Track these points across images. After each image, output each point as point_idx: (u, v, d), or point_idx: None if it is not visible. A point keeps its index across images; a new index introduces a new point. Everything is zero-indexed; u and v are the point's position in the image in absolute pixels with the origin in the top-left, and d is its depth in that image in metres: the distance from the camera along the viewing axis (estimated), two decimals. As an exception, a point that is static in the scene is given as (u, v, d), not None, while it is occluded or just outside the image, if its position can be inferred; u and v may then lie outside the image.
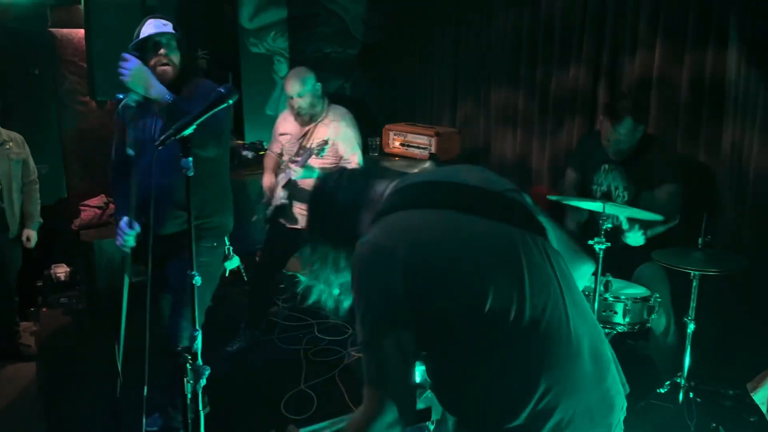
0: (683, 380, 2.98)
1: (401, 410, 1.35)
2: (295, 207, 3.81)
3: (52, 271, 4.88)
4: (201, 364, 1.89)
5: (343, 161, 3.81)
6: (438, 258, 1.37)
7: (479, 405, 1.40)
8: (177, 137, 1.85)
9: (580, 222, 3.46)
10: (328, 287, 1.55)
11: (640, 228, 3.03)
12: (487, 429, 1.41)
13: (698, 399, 2.96)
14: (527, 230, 1.44)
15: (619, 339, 3.05)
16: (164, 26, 2.73)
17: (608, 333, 2.95)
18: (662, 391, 3.05)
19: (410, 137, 4.92)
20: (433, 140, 4.74)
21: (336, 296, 1.57)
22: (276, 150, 4.03)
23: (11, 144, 3.98)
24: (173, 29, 2.75)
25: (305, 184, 3.69)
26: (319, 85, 3.80)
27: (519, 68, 4.55)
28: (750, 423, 2.91)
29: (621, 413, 1.48)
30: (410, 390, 1.39)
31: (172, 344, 2.72)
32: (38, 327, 4.55)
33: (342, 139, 3.79)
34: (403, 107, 5.68)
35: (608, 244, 2.93)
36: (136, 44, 2.71)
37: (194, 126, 1.86)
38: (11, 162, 3.96)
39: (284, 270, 4.40)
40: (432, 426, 1.98)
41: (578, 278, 1.60)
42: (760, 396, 2.45)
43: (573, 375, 1.38)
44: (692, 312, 2.96)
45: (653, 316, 3.04)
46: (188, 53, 2.84)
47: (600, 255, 2.90)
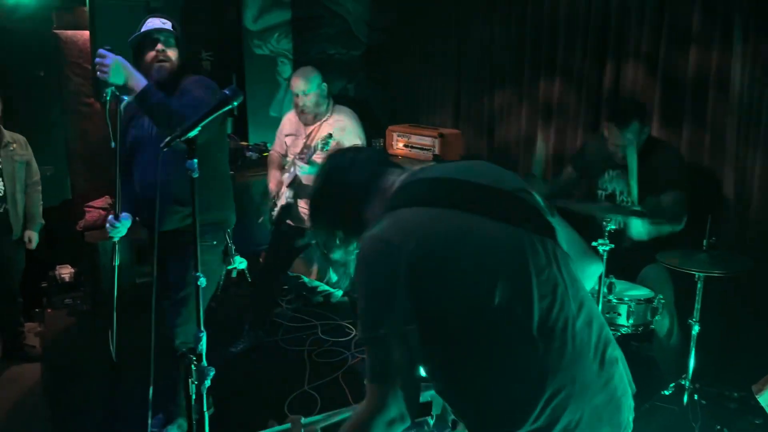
0: (688, 382, 2.97)
1: (407, 403, 1.34)
2: (300, 206, 3.82)
3: (57, 273, 4.88)
4: (206, 366, 1.90)
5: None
6: (444, 258, 1.37)
7: (484, 410, 1.39)
8: (182, 138, 1.86)
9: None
10: (341, 266, 1.56)
11: (646, 217, 3.02)
12: None
13: (703, 401, 2.95)
14: (535, 232, 1.44)
15: (623, 341, 3.04)
16: (163, 24, 2.75)
17: (612, 335, 2.94)
18: (667, 393, 3.04)
19: (414, 138, 4.92)
20: (437, 141, 4.73)
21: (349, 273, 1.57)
22: (280, 150, 4.04)
23: (15, 145, 3.98)
24: (172, 27, 2.76)
25: (310, 181, 3.69)
26: (325, 85, 3.82)
27: (522, 69, 4.55)
28: (755, 425, 2.91)
29: (630, 413, 1.47)
30: (415, 383, 1.38)
31: (170, 342, 2.75)
32: (43, 328, 4.56)
33: (346, 137, 3.79)
34: (406, 108, 5.67)
35: (612, 246, 2.93)
36: (135, 40, 2.73)
37: (199, 128, 1.88)
38: (15, 164, 3.96)
39: (288, 271, 4.41)
40: (432, 420, 1.98)
41: (586, 279, 1.59)
42: (765, 398, 2.44)
43: (580, 377, 1.37)
44: (697, 314, 2.96)
45: (657, 318, 3.04)
46: (187, 51, 2.84)
47: (604, 257, 2.91)
